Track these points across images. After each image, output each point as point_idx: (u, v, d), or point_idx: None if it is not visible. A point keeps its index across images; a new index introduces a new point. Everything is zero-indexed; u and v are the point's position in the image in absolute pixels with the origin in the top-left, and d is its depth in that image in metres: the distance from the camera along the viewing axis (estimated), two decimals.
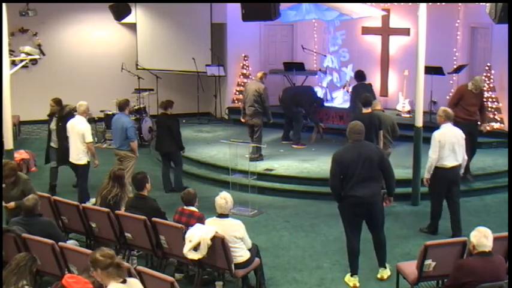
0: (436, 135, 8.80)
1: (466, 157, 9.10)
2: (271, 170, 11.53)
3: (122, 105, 10.85)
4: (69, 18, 16.43)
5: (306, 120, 13.94)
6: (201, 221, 7.32)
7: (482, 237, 5.84)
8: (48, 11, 15.98)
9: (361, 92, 11.50)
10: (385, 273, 7.82)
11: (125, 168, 10.54)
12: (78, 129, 10.18)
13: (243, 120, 12.57)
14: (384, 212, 7.75)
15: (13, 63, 12.10)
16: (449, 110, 9.16)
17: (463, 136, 8.96)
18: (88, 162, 10.33)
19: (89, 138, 10.17)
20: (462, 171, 9.20)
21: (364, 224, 7.70)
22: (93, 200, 9.36)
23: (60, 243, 6.86)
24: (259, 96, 12.02)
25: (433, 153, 8.79)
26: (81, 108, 10.36)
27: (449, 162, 8.79)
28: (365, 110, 10.05)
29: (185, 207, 7.64)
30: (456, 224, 9.01)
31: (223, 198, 7.13)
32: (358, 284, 7.66)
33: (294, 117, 13.39)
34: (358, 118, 9.18)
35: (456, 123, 9.30)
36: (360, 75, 12.87)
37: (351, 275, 7.75)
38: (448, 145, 8.72)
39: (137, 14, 15.99)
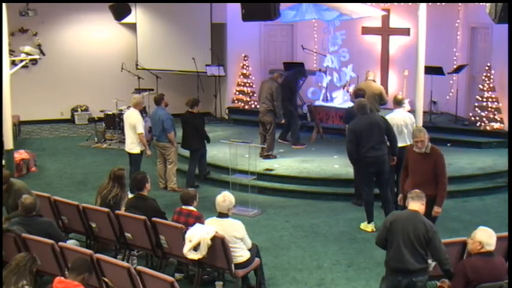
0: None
1: None
2: (271, 170, 11.54)
3: (158, 100, 11.38)
4: (69, 18, 16.42)
5: (306, 120, 13.93)
6: (199, 220, 7.32)
7: (492, 236, 5.94)
8: (48, 11, 15.98)
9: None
10: None
11: (169, 159, 11.24)
12: (131, 121, 10.66)
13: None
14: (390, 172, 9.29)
15: (13, 63, 12.12)
16: (397, 96, 10.32)
17: (413, 120, 9.82)
18: (141, 151, 10.75)
19: (140, 129, 10.61)
20: None
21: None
22: None
23: (60, 243, 6.86)
24: (271, 94, 12.12)
25: None
26: (134, 101, 10.93)
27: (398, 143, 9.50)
28: None
29: (183, 206, 7.63)
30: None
31: (223, 196, 7.15)
32: (375, 229, 9.00)
33: (289, 118, 13.30)
34: (351, 111, 10.44)
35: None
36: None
37: (368, 222, 9.23)
38: (396, 127, 9.53)
39: (137, 14, 15.98)
